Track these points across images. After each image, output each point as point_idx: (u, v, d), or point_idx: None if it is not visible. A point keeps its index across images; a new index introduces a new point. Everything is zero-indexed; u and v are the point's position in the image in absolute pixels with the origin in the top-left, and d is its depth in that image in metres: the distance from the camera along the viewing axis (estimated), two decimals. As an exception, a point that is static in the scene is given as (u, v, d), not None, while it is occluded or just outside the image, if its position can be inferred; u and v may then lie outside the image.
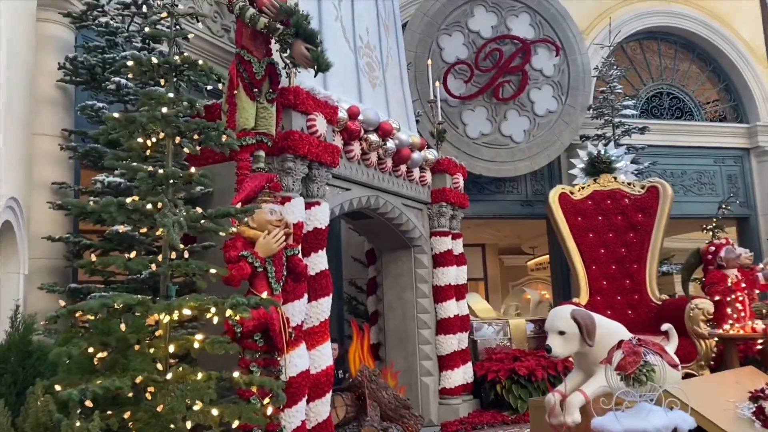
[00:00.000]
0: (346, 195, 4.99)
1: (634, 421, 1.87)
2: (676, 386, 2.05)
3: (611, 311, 6.92)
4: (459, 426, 5.52)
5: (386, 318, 6.22)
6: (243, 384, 2.55)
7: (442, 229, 6.23)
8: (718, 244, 5.90)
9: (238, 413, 2.34)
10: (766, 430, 3.61)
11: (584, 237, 7.25)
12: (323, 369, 4.13)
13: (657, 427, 1.86)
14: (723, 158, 9.68)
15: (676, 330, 6.14)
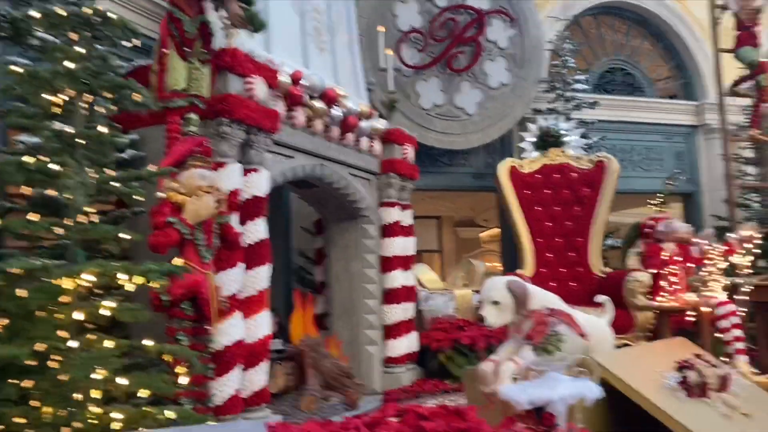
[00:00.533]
0: (290, 163, 4.89)
1: (540, 390, 1.88)
2: (586, 356, 2.05)
3: (556, 283, 7.04)
4: (401, 394, 5.56)
5: (333, 288, 6.19)
6: (155, 353, 2.48)
7: (391, 200, 6.19)
8: (656, 219, 6.01)
9: (148, 383, 2.28)
10: (690, 400, 3.71)
11: (532, 210, 7.32)
12: (259, 338, 4.08)
13: (562, 396, 1.87)
14: (671, 135, 9.84)
15: (617, 302, 6.31)
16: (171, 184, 3.43)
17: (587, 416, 3.62)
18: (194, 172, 3.46)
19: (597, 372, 3.84)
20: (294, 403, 4.88)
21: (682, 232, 5.60)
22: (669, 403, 3.57)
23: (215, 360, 3.78)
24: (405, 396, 5.54)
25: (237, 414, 3.85)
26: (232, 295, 3.89)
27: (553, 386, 1.88)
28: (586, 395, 1.91)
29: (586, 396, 1.91)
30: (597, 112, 8.96)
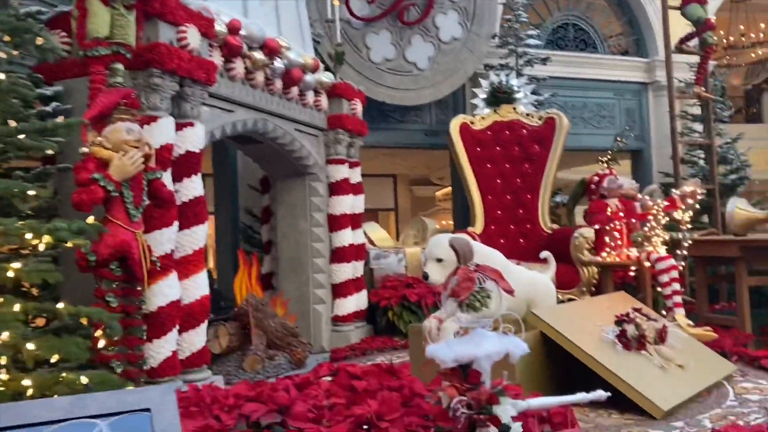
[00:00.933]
0: (229, 117, 4.70)
1: (466, 347, 1.83)
2: (512, 313, 2.01)
3: (504, 240, 7.08)
4: (349, 352, 5.54)
5: (280, 247, 6.08)
6: (67, 315, 2.35)
7: (339, 157, 6.06)
8: (601, 175, 6.05)
9: (58, 347, 2.16)
10: (628, 352, 3.77)
11: (482, 167, 7.29)
12: (197, 299, 3.96)
13: (488, 352, 1.83)
14: (622, 92, 9.88)
15: (563, 258, 6.38)
16: (95, 138, 3.23)
17: (526, 373, 3.65)
18: (120, 125, 3.27)
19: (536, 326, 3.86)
20: (238, 363, 4.80)
21: (627, 188, 5.65)
22: (606, 355, 3.62)
23: (150, 322, 3.66)
24: (352, 354, 5.53)
25: (174, 375, 3.76)
26: (167, 255, 3.74)
27: (478, 343, 1.83)
28: (512, 352, 1.87)
29: (513, 352, 1.87)
30: (549, 68, 8.91)
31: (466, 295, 1.83)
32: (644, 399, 3.39)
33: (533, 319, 3.84)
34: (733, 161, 8.85)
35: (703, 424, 3.26)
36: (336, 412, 2.09)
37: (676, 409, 3.46)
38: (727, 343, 4.93)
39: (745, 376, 4.26)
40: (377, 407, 2.05)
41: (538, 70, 8.40)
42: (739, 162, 8.79)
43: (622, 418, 3.41)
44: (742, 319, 5.50)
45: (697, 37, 7.50)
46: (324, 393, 2.23)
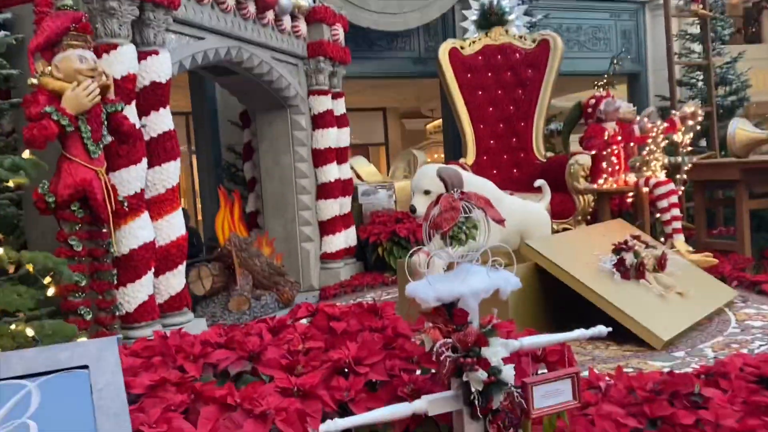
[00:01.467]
0: (199, 45, 4.36)
1: (449, 284, 1.63)
2: (502, 245, 1.80)
3: (497, 170, 6.85)
4: (338, 289, 5.40)
5: (263, 184, 5.84)
6: (6, 262, 2.14)
7: (321, 88, 5.74)
8: (598, 97, 5.75)
9: (1, 297, 1.96)
10: (626, 281, 3.61)
11: (473, 95, 6.97)
12: (173, 240, 3.74)
13: (475, 289, 1.63)
14: (619, 12, 9.45)
15: (559, 186, 6.17)
16: (45, 68, 2.94)
17: (519, 308, 3.49)
18: (71, 53, 2.97)
19: (530, 257, 3.68)
20: (224, 304, 4.65)
21: (624, 110, 5.37)
22: (603, 285, 3.46)
23: (122, 265, 3.46)
24: (342, 291, 5.38)
25: (152, 320, 3.59)
26: (137, 195, 3.50)
27: (464, 279, 1.63)
28: (502, 288, 1.67)
29: (503, 288, 1.67)
30: (543, -12, 8.48)
31: (450, 226, 1.61)
32: (644, 329, 3.24)
33: (527, 250, 3.66)
34: (733, 82, 8.55)
35: (705, 354, 3.13)
36: (312, 357, 1.91)
37: (676, 339, 3.33)
38: (727, 268, 4.79)
39: (746, 301, 4.13)
40: (356, 351, 1.86)
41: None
42: (739, 83, 8.48)
43: (620, 350, 3.28)
44: (741, 244, 5.35)
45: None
46: (300, 336, 2.05)
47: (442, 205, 1.63)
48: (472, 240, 1.66)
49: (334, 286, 5.46)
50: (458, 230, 1.63)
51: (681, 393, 2.37)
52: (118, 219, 3.44)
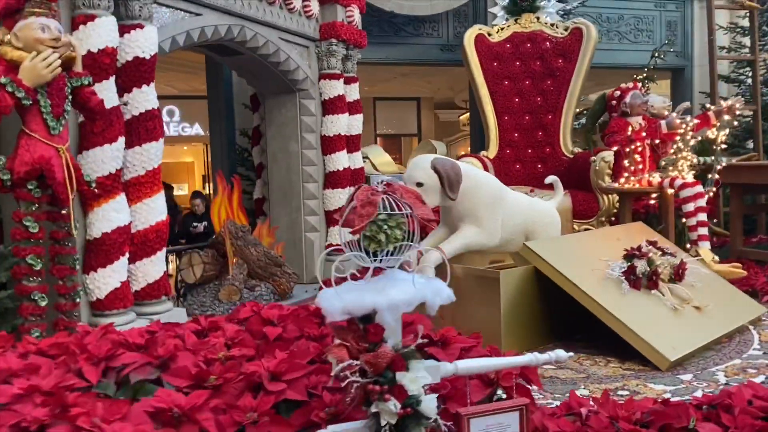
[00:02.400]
0: (196, 21, 4.15)
1: (364, 294, 1.35)
2: (433, 249, 1.52)
3: (520, 165, 6.50)
4: (340, 283, 5.14)
5: (270, 171, 5.64)
6: None
7: (333, 72, 5.48)
8: (624, 89, 5.32)
9: None
10: (635, 292, 3.26)
11: (499, 84, 6.61)
12: (152, 225, 3.55)
13: (393, 302, 1.35)
14: (664, 2, 8.90)
15: (585, 185, 5.78)
16: (4, 36, 2.77)
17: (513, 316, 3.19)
18: (33, 21, 2.78)
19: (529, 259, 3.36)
20: (215, 293, 4.47)
21: (657, 105, 4.94)
22: (607, 295, 3.13)
23: (94, 249, 3.29)
24: (345, 285, 5.14)
25: (125, 308, 3.42)
26: (111, 176, 3.32)
27: (381, 289, 1.36)
28: (429, 300, 1.39)
29: (430, 301, 1.39)
30: (582, -26, 8.03)
31: (363, 225, 1.34)
32: (648, 347, 2.90)
33: (524, 251, 3.34)
34: (786, 80, 7.93)
35: (716, 378, 2.77)
36: (230, 367, 1.67)
37: (686, 359, 2.97)
38: (760, 281, 4.36)
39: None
40: (276, 363, 1.61)
41: (567, -24, 7.53)
42: (792, 81, 7.86)
43: (621, 368, 2.94)
44: (780, 255, 4.89)
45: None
46: (227, 342, 1.81)
47: (357, 198, 1.36)
48: (394, 241, 1.38)
49: (337, 280, 5.21)
50: (376, 229, 1.35)
51: (673, 427, 2.05)
52: (89, 200, 3.29)
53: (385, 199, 1.37)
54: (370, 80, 11.60)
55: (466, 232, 3.49)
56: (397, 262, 1.43)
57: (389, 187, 1.42)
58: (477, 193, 3.49)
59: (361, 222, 1.34)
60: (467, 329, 3.36)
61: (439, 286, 1.45)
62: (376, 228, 1.37)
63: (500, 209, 3.58)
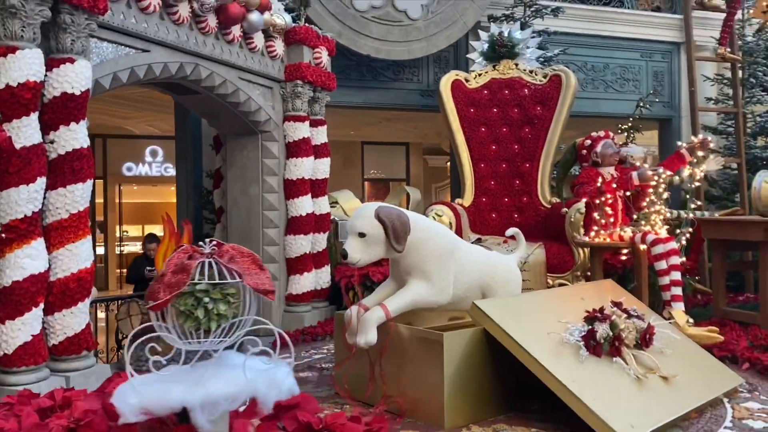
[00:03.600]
0: (142, 58, 3.95)
1: (172, 388, 1.07)
2: (267, 322, 1.24)
3: (496, 214, 6.25)
4: (297, 336, 4.83)
5: (229, 215, 5.39)
6: None
7: (298, 114, 5.28)
8: (595, 138, 5.10)
9: None
10: (594, 359, 2.96)
11: (476, 131, 6.41)
12: (74, 273, 3.27)
13: (210, 397, 1.06)
14: (651, 53, 8.79)
15: (563, 237, 5.51)
16: None
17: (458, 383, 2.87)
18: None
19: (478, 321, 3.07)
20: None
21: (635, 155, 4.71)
22: (559, 362, 2.82)
23: (2, 299, 3.01)
24: (302, 340, 4.83)
25: (37, 365, 3.12)
26: (27, 219, 3.06)
27: (200, 379, 1.07)
28: (261, 396, 1.10)
29: (263, 396, 1.10)
30: (567, 23, 7.95)
31: (170, 297, 1.07)
32: (602, 424, 2.57)
33: (473, 311, 3.04)
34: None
35: (678, 464, 2.44)
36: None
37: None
38: (741, 346, 4.05)
39: (753, 391, 3.39)
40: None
41: (549, 23, 7.43)
42: (781, 133, 7.68)
43: (572, 446, 2.61)
44: (764, 316, 4.58)
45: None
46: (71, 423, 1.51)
47: (169, 263, 1.09)
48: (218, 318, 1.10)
49: (294, 333, 4.90)
50: (193, 303, 1.08)
51: None
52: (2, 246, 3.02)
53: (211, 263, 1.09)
54: (355, 124, 11.48)
55: (414, 287, 3.20)
56: (221, 344, 1.15)
57: (219, 247, 1.14)
58: (426, 245, 3.21)
59: (169, 293, 1.07)
60: (411, 396, 3.05)
61: (278, 376, 1.17)
62: (193, 301, 1.09)
63: (452, 263, 3.30)
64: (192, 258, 1.09)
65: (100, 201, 12.41)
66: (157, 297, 1.10)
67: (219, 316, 1.12)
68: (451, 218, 5.66)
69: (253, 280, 1.13)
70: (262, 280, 1.14)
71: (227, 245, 1.19)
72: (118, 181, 13.06)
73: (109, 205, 12.98)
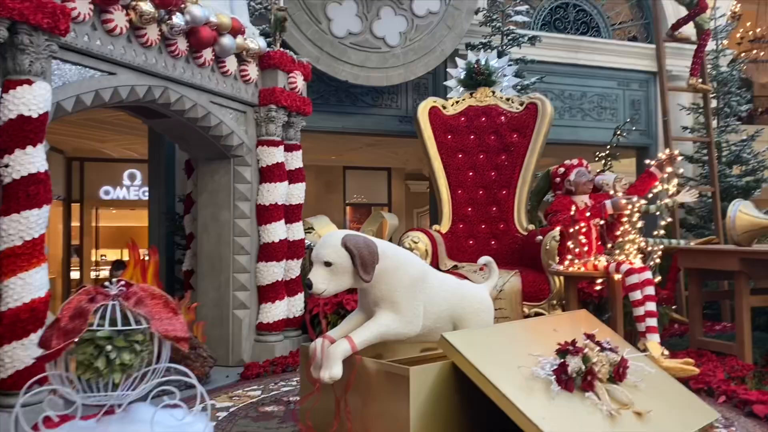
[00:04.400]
0: (108, 80, 3.86)
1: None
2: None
3: (473, 240, 6.19)
4: (266, 367, 4.69)
5: (199, 241, 5.26)
6: None
7: (272, 138, 5.19)
8: (568, 165, 5.08)
9: None
10: (565, 394, 2.86)
11: (453, 157, 6.38)
12: (26, 302, 3.12)
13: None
14: (628, 81, 8.88)
15: (539, 264, 5.45)
16: None
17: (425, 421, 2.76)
18: None
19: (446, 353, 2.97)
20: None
21: (609, 182, 4.68)
22: (528, 397, 2.72)
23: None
24: (271, 370, 4.69)
25: (-18, 400, 2.95)
26: (-25, 245, 2.93)
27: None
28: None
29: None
30: (545, 52, 8.01)
31: (65, 346, 0.96)
32: (572, 464, 2.47)
33: (442, 343, 2.94)
34: (749, 162, 7.82)
35: (651, 507, 2.33)
36: None
37: (619, 479, 2.54)
38: (718, 377, 3.98)
39: (730, 426, 3.31)
40: None
41: (526, 52, 7.46)
42: (756, 163, 7.74)
43: (542, 488, 2.50)
44: (741, 346, 4.53)
45: (691, 20, 6.50)
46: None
47: (65, 308, 0.98)
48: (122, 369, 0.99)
49: (263, 364, 4.76)
50: (91, 353, 0.97)
51: None
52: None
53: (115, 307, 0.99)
54: (337, 149, 11.44)
55: (382, 319, 3.09)
56: (126, 397, 1.04)
57: (128, 288, 1.04)
58: (395, 274, 3.11)
59: (63, 341, 0.96)
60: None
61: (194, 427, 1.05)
62: (93, 350, 0.99)
63: (422, 293, 3.20)
64: (93, 300, 0.99)
65: (76, 225, 12.19)
66: (49, 345, 0.98)
67: (123, 366, 1.01)
68: (427, 245, 5.59)
69: (163, 326, 1.03)
70: (174, 325, 1.04)
71: (137, 286, 1.09)
72: (95, 205, 12.85)
73: (86, 228, 12.75)
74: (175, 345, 1.03)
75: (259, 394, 4.10)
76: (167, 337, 1.02)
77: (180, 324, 1.02)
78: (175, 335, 1.01)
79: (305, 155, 5.67)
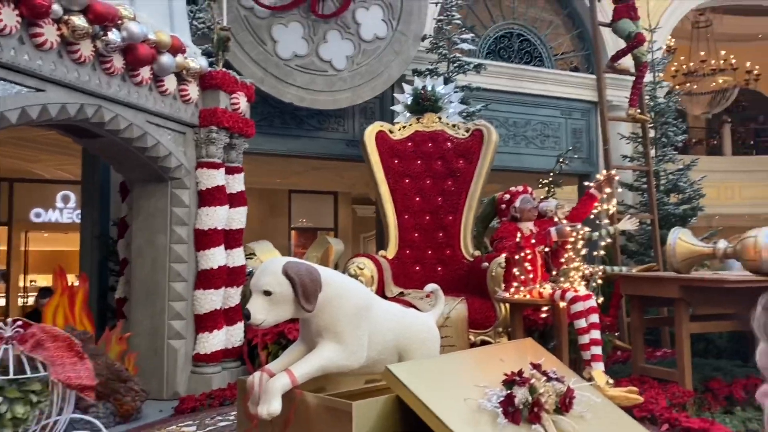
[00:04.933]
0: (36, 97, 3.64)
1: None
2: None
3: (420, 266, 6.12)
4: (203, 401, 4.46)
5: (133, 267, 5.01)
6: None
7: (212, 160, 5.03)
8: (514, 192, 5.10)
9: None
10: (513, 426, 2.78)
11: (400, 182, 6.32)
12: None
13: None
14: (570, 110, 9.09)
15: (485, 291, 5.41)
16: None
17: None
18: None
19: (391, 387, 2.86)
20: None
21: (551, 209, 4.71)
22: (475, 429, 2.62)
23: None
24: (207, 404, 4.45)
25: None
26: None
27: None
28: None
29: None
30: (490, 80, 8.12)
31: None
32: (520, 503, 2.38)
33: (387, 375, 2.83)
34: (685, 190, 8.07)
35: None
36: None
37: None
38: (660, 406, 3.99)
39: (674, 455, 3.30)
40: None
41: (472, 79, 7.54)
42: (692, 191, 8.00)
43: None
44: (681, 373, 4.57)
45: (629, 53, 6.72)
46: None
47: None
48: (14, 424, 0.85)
49: (199, 397, 4.53)
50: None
51: None
52: None
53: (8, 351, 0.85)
54: (282, 172, 11.25)
55: (324, 351, 2.95)
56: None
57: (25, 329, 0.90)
58: (339, 303, 2.98)
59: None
60: (317, 472, 2.77)
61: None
62: None
63: (366, 323, 3.08)
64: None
65: (3, 249, 11.56)
66: None
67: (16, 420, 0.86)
68: (373, 271, 5.48)
69: (66, 373, 0.92)
70: (79, 372, 0.95)
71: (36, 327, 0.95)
72: (24, 228, 12.23)
73: (14, 253, 12.10)
74: (80, 395, 0.89)
75: (194, 430, 3.88)
76: (70, 386, 0.88)
77: (86, 370, 0.90)
78: (79, 383, 0.90)
79: (249, 178, 5.52)
